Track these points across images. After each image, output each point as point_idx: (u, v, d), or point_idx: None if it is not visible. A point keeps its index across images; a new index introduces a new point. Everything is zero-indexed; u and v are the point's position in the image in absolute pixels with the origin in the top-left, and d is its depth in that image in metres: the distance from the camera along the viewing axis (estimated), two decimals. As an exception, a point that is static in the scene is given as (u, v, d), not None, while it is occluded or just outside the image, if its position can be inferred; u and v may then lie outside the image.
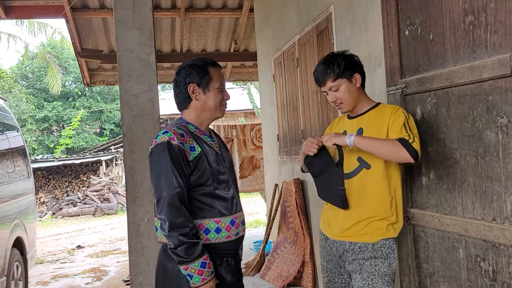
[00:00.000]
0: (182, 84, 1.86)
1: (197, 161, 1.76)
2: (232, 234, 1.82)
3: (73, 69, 21.75)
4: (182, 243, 1.65)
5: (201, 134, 1.87)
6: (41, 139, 21.32)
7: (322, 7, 3.53)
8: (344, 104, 2.02)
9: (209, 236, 1.77)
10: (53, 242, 9.05)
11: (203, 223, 1.76)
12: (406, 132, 1.84)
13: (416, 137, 1.83)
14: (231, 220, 1.82)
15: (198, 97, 1.85)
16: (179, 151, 1.72)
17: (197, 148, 1.78)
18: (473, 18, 1.76)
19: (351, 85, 1.99)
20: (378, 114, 1.99)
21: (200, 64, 1.86)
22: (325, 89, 2.03)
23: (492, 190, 1.73)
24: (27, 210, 5.05)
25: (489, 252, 1.76)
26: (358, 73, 2.01)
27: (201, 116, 1.88)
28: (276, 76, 5.10)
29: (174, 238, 1.66)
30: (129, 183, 2.85)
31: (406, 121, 1.88)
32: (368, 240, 1.92)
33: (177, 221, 1.66)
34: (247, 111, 17.37)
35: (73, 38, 6.71)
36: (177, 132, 1.76)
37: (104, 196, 13.67)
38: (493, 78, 1.68)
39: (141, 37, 2.82)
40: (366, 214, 1.94)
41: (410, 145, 1.79)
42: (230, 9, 6.73)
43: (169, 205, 1.67)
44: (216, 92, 1.86)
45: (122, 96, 2.85)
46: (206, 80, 1.85)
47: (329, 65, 1.98)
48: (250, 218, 9.65)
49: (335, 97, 2.00)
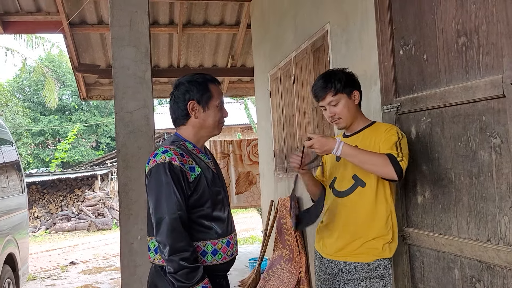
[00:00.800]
0: (181, 100, 1.80)
1: (197, 182, 1.71)
2: (228, 255, 1.78)
3: (70, 83, 21.78)
4: (183, 268, 1.59)
5: (199, 152, 1.82)
6: (37, 153, 21.23)
7: (318, 25, 3.56)
8: (342, 120, 2.01)
9: (206, 258, 1.72)
10: (46, 258, 8.93)
11: (200, 245, 1.71)
12: (396, 150, 1.85)
13: (405, 157, 1.84)
14: (227, 241, 1.78)
15: (197, 115, 1.80)
16: (180, 172, 1.66)
17: (196, 169, 1.73)
18: (466, 39, 1.78)
19: (350, 101, 2.00)
20: (372, 132, 1.99)
21: (201, 80, 1.81)
22: (324, 104, 2.02)
23: (486, 211, 1.72)
24: (20, 225, 4.99)
25: (484, 273, 1.74)
26: (357, 90, 2.03)
27: (199, 133, 1.83)
28: (272, 92, 5.12)
29: (174, 263, 1.60)
30: (122, 200, 2.83)
31: (398, 141, 1.88)
32: (363, 260, 1.91)
33: (179, 245, 1.61)
34: (244, 125, 17.40)
35: (71, 53, 6.74)
36: (178, 152, 1.71)
37: (98, 211, 13.56)
38: (486, 98, 1.69)
39: (137, 54, 2.83)
40: (361, 233, 1.93)
41: (398, 162, 1.80)
42: (227, 25, 6.79)
43: (170, 229, 1.61)
44: (215, 110, 1.82)
45: (117, 113, 2.85)
46: (207, 98, 1.80)
47: (330, 80, 1.99)
48: (246, 235, 9.59)
49: (334, 112, 2.00)
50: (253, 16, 6.00)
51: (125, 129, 2.85)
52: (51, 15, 6.15)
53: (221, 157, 7.46)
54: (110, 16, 2.86)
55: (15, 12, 6.11)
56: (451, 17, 1.86)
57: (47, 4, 6.06)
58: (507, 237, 1.63)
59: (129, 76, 2.82)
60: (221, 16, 6.65)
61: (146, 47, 2.85)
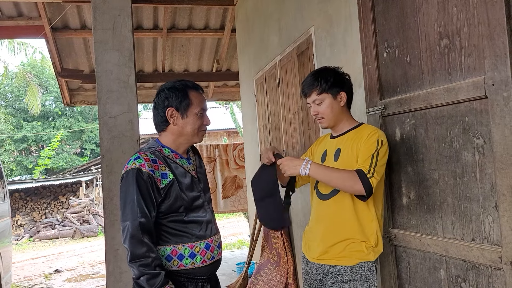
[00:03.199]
0: (160, 107, 1.81)
1: (168, 188, 1.72)
2: (208, 259, 1.78)
3: (54, 88, 21.49)
4: (142, 274, 1.62)
5: (177, 157, 1.82)
6: (20, 160, 20.85)
7: (303, 28, 3.58)
8: (325, 119, 2.01)
9: (183, 262, 1.72)
10: (29, 267, 8.76)
11: (176, 249, 1.73)
12: (370, 163, 1.83)
13: (377, 172, 1.83)
14: (206, 244, 1.78)
15: (176, 122, 1.80)
16: (148, 179, 1.68)
17: (169, 175, 1.74)
18: (448, 41, 1.81)
19: (335, 102, 1.99)
20: (356, 135, 1.98)
21: (180, 87, 1.81)
22: (309, 101, 2.03)
23: (470, 210, 1.74)
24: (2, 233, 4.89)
25: (470, 272, 1.76)
26: (345, 92, 2.01)
27: (177, 140, 1.84)
28: (258, 96, 5.12)
29: (134, 268, 1.64)
30: (107, 206, 2.80)
31: (376, 152, 1.86)
32: (347, 263, 1.91)
33: (138, 252, 1.63)
34: (230, 130, 17.37)
35: (53, 58, 6.65)
36: (150, 158, 1.72)
37: (83, 218, 13.37)
38: (469, 100, 1.71)
39: (120, 58, 2.80)
40: (343, 236, 1.92)
41: (367, 179, 1.79)
42: (212, 29, 6.78)
43: (131, 235, 1.64)
44: (195, 117, 1.81)
45: (101, 118, 2.82)
46: (185, 105, 1.79)
47: (317, 78, 1.98)
48: (233, 239, 9.55)
49: (317, 111, 2.01)
50: (237, 20, 6.01)
51: (109, 134, 2.82)
52: (33, 20, 6.06)
53: (207, 161, 7.42)
54: (92, 20, 2.83)
55: (-4, 16, 6.02)
56: (433, 19, 1.88)
57: (29, 9, 5.97)
58: (491, 236, 1.65)
59: (112, 81, 2.80)
60: (205, 20, 6.64)
61: (129, 51, 2.82)
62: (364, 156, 1.86)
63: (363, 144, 1.89)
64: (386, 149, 1.91)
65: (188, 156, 1.90)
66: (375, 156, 1.85)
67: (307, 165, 1.85)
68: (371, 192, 1.81)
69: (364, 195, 1.81)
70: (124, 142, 2.81)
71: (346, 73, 2.07)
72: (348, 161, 1.92)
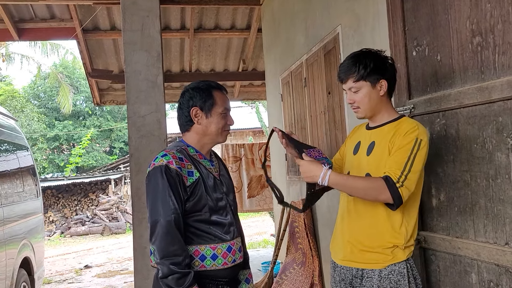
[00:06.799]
0: (185, 107, 1.83)
1: (194, 186, 1.72)
2: (229, 261, 1.76)
3: (84, 88, 22.05)
4: (173, 273, 1.59)
5: (201, 158, 1.83)
6: (52, 158, 21.50)
7: (330, 27, 3.54)
8: (361, 109, 1.82)
9: (205, 263, 1.71)
10: (61, 262, 9.02)
11: (199, 249, 1.71)
12: (402, 169, 1.64)
13: (408, 180, 1.63)
14: (228, 246, 1.77)
15: (200, 121, 1.81)
16: (176, 176, 1.68)
17: (195, 174, 1.74)
18: (481, 39, 1.75)
19: (373, 91, 1.78)
20: (394, 129, 1.76)
21: (204, 87, 1.82)
22: (345, 88, 1.84)
23: (504, 213, 1.68)
24: (35, 229, 5.05)
25: (503, 277, 1.70)
26: (386, 80, 1.78)
27: (202, 140, 1.84)
28: (284, 95, 5.11)
29: (165, 266, 1.60)
30: (135, 204, 2.85)
31: (412, 155, 1.66)
32: (374, 266, 1.75)
33: (171, 249, 1.61)
34: (256, 129, 17.38)
35: (84, 58, 6.82)
36: (176, 155, 1.73)
37: (112, 215, 13.68)
38: (503, 99, 1.65)
39: (149, 59, 2.85)
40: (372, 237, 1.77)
41: (396, 189, 1.62)
42: (238, 29, 6.80)
43: (164, 231, 1.62)
44: (219, 117, 1.82)
45: (129, 117, 2.87)
46: (209, 105, 1.80)
47: (355, 63, 1.78)
48: (259, 238, 9.56)
49: (353, 100, 1.81)
50: (263, 20, 6.01)
51: (137, 133, 2.87)
52: (65, 22, 6.23)
53: (233, 161, 7.46)
54: (122, 21, 2.89)
55: (30, 19, 6.21)
56: (465, 16, 1.83)
57: (61, 11, 6.14)
58: (526, 241, 1.59)
59: (141, 81, 2.85)
60: (232, 20, 6.67)
61: (157, 52, 2.86)
62: (396, 157, 1.67)
63: (399, 142, 1.69)
64: (425, 152, 1.69)
65: (211, 158, 1.90)
66: (409, 161, 1.65)
67: (326, 174, 1.68)
68: (400, 203, 1.64)
69: (391, 204, 1.65)
70: (152, 141, 2.86)
71: (389, 57, 1.85)
72: (382, 158, 1.74)
